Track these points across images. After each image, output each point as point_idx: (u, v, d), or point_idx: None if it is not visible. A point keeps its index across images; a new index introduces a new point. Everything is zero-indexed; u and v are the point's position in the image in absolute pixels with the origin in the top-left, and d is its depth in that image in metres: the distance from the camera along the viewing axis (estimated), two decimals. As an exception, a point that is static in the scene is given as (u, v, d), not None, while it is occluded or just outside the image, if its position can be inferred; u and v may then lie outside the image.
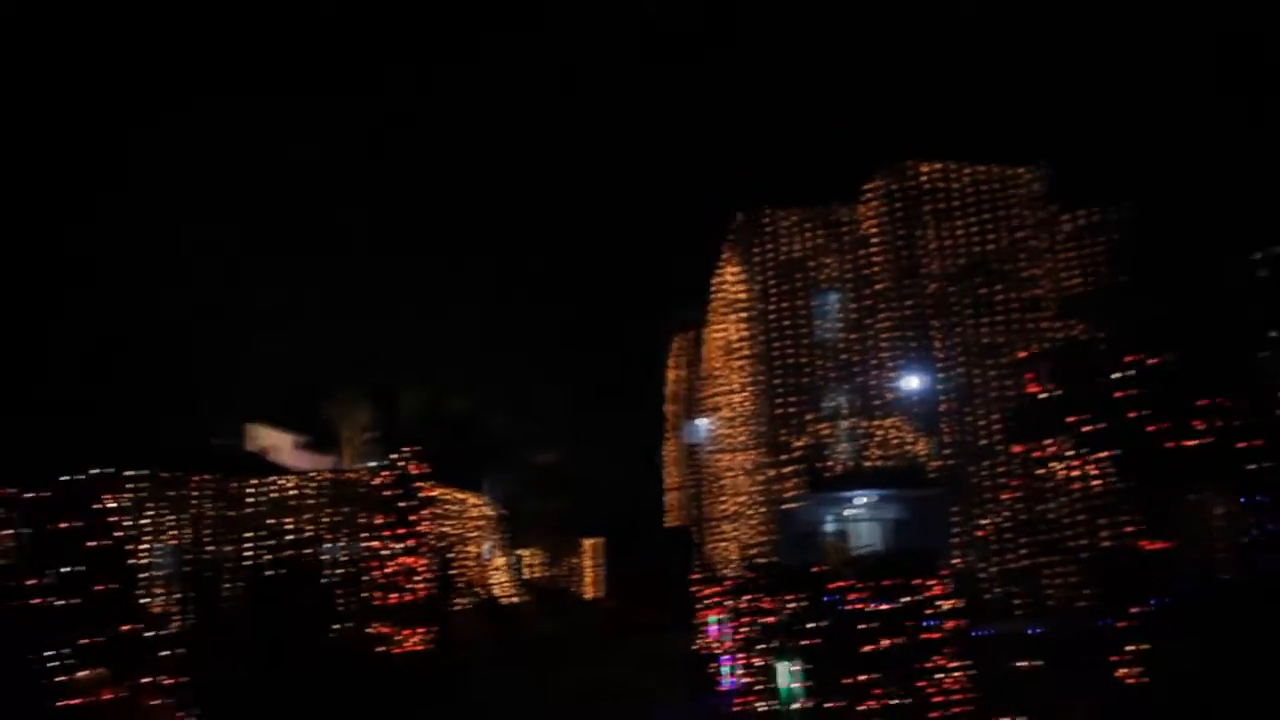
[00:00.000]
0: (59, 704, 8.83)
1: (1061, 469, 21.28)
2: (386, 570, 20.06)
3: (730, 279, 31.80)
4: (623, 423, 48.61)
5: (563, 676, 18.61)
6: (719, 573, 20.00)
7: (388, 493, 21.09)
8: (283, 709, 13.57)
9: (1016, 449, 25.35)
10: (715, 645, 17.42)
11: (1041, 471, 23.47)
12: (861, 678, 10.20)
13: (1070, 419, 18.91)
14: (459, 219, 65.98)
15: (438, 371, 41.53)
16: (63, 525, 9.73)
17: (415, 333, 45.24)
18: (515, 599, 34.29)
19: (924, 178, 29.53)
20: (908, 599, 11.46)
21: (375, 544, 20.80)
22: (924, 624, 11.29)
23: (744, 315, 30.50)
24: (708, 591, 19.75)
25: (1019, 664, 13.13)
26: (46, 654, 8.90)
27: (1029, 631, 18.27)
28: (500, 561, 35.42)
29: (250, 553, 25.82)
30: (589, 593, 42.90)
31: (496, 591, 33.24)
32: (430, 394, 40.49)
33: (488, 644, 23.58)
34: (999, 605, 25.79)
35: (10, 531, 9.54)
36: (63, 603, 9.25)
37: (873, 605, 11.21)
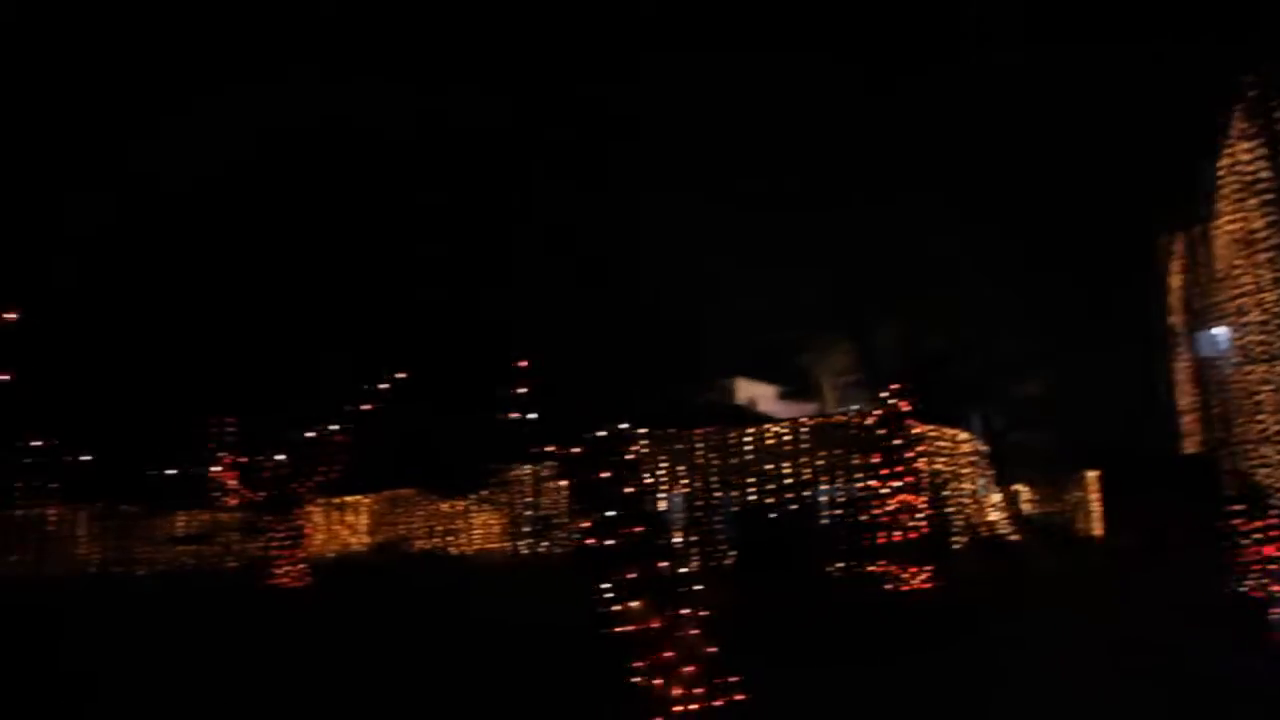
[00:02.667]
0: (615, 631, 9.91)
1: None
2: (887, 508, 20.11)
3: (1244, 157, 27.03)
4: (1118, 342, 43.99)
5: (1075, 620, 17.21)
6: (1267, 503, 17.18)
7: (880, 431, 21.07)
8: (789, 644, 14.13)
9: None
10: (1271, 589, 15.06)
11: None
12: None
13: None
14: (918, 151, 63.54)
15: (912, 308, 40.73)
16: (598, 476, 10.89)
17: (887, 271, 44.66)
18: (1014, 536, 32.78)
19: None
20: None
21: (873, 483, 20.94)
22: None
23: (1267, 198, 25.85)
24: (1256, 525, 17.08)
25: None
26: (604, 587, 10.06)
27: None
28: (995, 498, 34.11)
29: (752, 497, 27.75)
30: (1094, 529, 39.60)
31: (995, 529, 32.05)
32: (907, 332, 39.90)
33: (990, 582, 22.75)
34: None
35: (564, 482, 10.99)
36: (609, 543, 10.37)
37: None
